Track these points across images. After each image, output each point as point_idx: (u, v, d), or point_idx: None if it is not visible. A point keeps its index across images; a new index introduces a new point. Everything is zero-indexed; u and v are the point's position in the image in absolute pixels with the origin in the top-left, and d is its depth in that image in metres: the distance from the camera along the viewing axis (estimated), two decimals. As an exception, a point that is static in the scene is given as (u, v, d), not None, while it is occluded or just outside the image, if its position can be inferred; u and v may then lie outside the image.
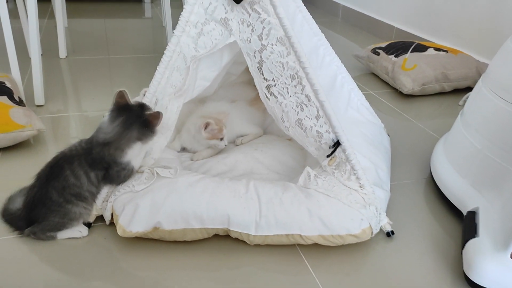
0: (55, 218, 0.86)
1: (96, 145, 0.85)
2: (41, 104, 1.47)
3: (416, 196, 1.10)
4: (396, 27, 2.43)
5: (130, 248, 0.88)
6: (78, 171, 0.85)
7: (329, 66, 1.08)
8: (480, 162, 0.96)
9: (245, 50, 0.94)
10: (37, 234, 0.87)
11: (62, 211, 0.85)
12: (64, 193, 0.84)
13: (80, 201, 0.86)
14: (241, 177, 1.05)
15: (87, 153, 0.86)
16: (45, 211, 0.85)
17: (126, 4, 3.12)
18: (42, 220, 0.86)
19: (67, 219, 0.87)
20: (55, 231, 0.88)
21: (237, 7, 0.91)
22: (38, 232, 0.87)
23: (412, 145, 1.35)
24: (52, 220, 0.86)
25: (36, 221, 0.86)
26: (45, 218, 0.86)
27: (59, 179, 0.84)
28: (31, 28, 1.41)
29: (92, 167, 0.85)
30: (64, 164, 0.85)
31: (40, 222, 0.86)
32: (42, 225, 0.86)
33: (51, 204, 0.85)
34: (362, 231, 0.86)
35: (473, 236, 0.85)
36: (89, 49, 2.09)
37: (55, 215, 0.86)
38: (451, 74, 1.72)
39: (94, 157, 0.85)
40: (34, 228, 0.87)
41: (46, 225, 0.86)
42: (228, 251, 0.89)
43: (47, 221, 0.86)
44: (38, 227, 0.87)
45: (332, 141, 0.93)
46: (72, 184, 0.84)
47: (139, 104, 0.89)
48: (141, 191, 0.88)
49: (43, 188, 0.85)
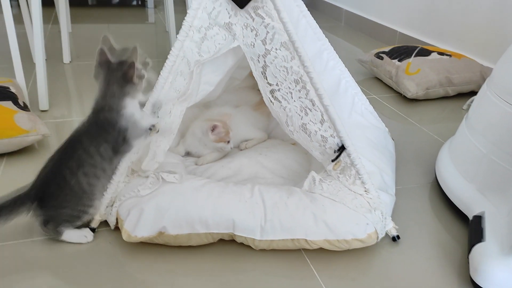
0: (68, 204, 0.84)
1: (95, 114, 0.85)
2: (45, 109, 1.47)
3: (421, 200, 1.10)
4: (399, 32, 2.43)
5: (135, 253, 0.88)
6: (89, 148, 0.84)
7: (333, 70, 1.08)
8: (486, 167, 0.96)
9: (249, 54, 0.94)
10: (49, 226, 0.87)
11: (74, 194, 0.84)
12: (78, 172, 0.83)
13: (93, 182, 0.85)
14: (246, 181, 1.05)
15: (91, 126, 0.85)
16: (58, 193, 0.84)
17: (130, 9, 3.13)
18: (53, 202, 0.84)
19: (80, 205, 0.85)
20: (66, 224, 0.87)
21: (241, 11, 0.91)
22: (51, 224, 0.86)
23: (416, 149, 1.35)
24: (65, 205, 0.84)
25: (46, 202, 0.84)
26: (57, 201, 0.84)
27: (73, 158, 0.83)
28: (35, 33, 1.42)
29: (99, 140, 0.84)
30: (75, 144, 0.84)
31: (51, 207, 0.84)
32: (56, 216, 0.85)
33: (64, 185, 0.83)
34: (367, 235, 0.86)
35: (480, 240, 0.84)
36: (92, 54, 2.07)
37: (68, 199, 0.84)
38: (455, 78, 1.72)
39: (99, 127, 0.84)
40: (48, 218, 0.86)
41: (60, 215, 0.85)
42: (233, 256, 0.89)
43: (59, 208, 0.84)
44: (51, 217, 0.86)
45: (337, 145, 0.93)
46: (86, 163, 0.84)
47: (119, 61, 0.88)
48: (146, 196, 0.88)
49: (57, 168, 0.83)
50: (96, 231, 0.93)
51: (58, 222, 0.87)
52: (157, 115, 0.92)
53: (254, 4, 0.90)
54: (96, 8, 3.09)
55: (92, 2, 3.25)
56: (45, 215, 0.86)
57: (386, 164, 1.03)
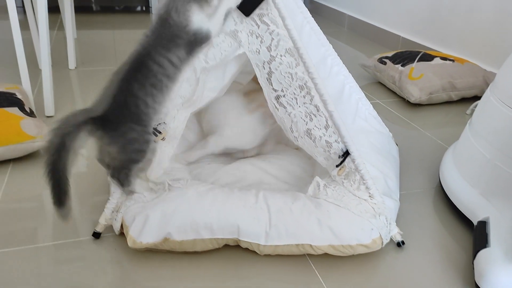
0: (132, 126, 0.81)
1: (161, 21, 0.82)
2: (51, 115, 1.48)
3: (425, 205, 1.10)
4: (402, 37, 2.44)
5: (140, 259, 0.89)
6: (159, 58, 0.81)
7: (337, 76, 1.08)
8: (490, 172, 0.96)
9: (254, 61, 0.95)
10: (121, 177, 0.86)
11: (139, 112, 0.81)
12: (145, 84, 0.80)
13: (158, 96, 0.82)
14: (250, 187, 1.05)
15: (158, 34, 0.82)
16: (123, 111, 0.80)
17: (135, 15, 3.15)
18: (116, 125, 0.80)
19: (143, 126, 0.82)
20: (133, 165, 0.85)
21: (246, 19, 0.92)
22: (121, 175, 0.86)
23: (420, 154, 1.35)
24: (130, 130, 0.81)
25: (110, 122, 0.80)
26: (125, 121, 0.80)
27: (141, 70, 0.80)
28: (41, 39, 1.43)
29: (169, 49, 0.82)
30: (143, 58, 0.81)
31: (117, 130, 0.80)
32: (120, 157, 0.82)
33: (131, 101, 0.80)
34: (372, 241, 0.86)
35: (484, 246, 0.84)
36: (98, 60, 2.11)
37: (132, 120, 0.81)
38: (458, 83, 1.72)
39: (167, 32, 0.81)
40: (114, 172, 0.85)
41: (125, 152, 0.82)
42: (238, 262, 0.89)
43: (127, 132, 0.81)
44: (118, 165, 0.84)
45: (341, 151, 0.93)
46: (157, 72, 0.81)
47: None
48: (151, 202, 0.88)
49: (124, 82, 0.80)
50: (100, 236, 0.93)
51: (125, 160, 0.83)
52: (163, 121, 0.93)
53: (259, 12, 0.91)
54: (100, 14, 3.12)
55: (97, 8, 3.28)
56: (112, 144, 0.82)
57: (390, 169, 1.03)
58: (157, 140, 0.91)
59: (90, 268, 0.86)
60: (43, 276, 0.83)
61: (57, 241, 0.92)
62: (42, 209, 1.02)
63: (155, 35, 0.83)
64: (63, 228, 0.96)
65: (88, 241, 0.93)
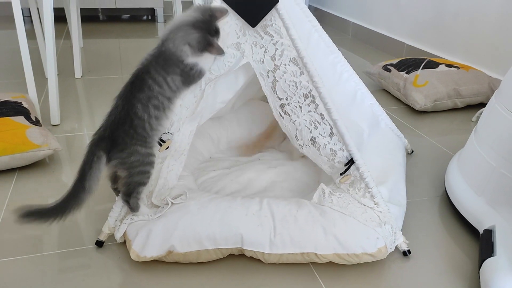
0: (137, 148, 0.83)
1: (162, 45, 0.85)
2: (57, 123, 1.49)
3: (431, 214, 1.09)
4: (406, 44, 2.44)
5: (144, 267, 0.88)
6: (158, 78, 0.84)
7: (347, 82, 1.09)
8: (496, 180, 0.95)
9: (258, 70, 0.95)
10: (131, 202, 0.87)
11: (144, 134, 0.84)
12: (149, 105, 0.83)
13: (159, 117, 0.85)
14: (255, 195, 1.05)
15: (157, 56, 0.85)
16: (129, 133, 0.82)
17: (140, 24, 3.18)
18: (123, 147, 0.82)
19: (149, 148, 0.85)
20: (141, 187, 0.87)
21: (250, 31, 0.92)
22: (132, 199, 0.87)
23: (425, 161, 1.35)
24: (135, 152, 0.83)
25: (117, 143, 0.82)
26: (131, 142, 0.83)
27: (143, 90, 0.83)
28: (48, 48, 1.44)
29: (166, 70, 0.84)
30: (144, 76, 0.84)
31: (123, 151, 0.83)
32: (129, 168, 0.84)
33: (136, 123, 0.83)
34: (378, 250, 0.86)
35: (490, 255, 0.84)
36: (104, 68, 2.13)
37: (137, 142, 0.83)
38: (463, 90, 1.72)
39: (166, 57, 0.84)
40: (125, 196, 0.87)
41: (131, 176, 0.84)
42: (243, 270, 0.89)
43: (132, 154, 0.83)
44: (126, 190, 0.86)
45: (346, 159, 0.93)
46: (158, 93, 0.84)
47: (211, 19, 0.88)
48: (157, 217, 0.89)
49: (128, 103, 0.83)
50: (105, 245, 0.93)
51: (133, 183, 0.86)
52: (168, 131, 0.93)
53: (263, 23, 0.92)
54: (107, 24, 3.14)
55: (103, 17, 3.31)
56: (117, 162, 0.84)
57: (397, 171, 1.04)
58: (161, 150, 0.91)
59: (94, 276, 0.86)
60: (48, 285, 0.84)
61: (62, 250, 0.92)
62: (47, 217, 1.02)
63: (156, 55, 0.86)
64: (68, 236, 0.96)
65: (92, 250, 0.93)
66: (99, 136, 0.83)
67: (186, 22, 0.86)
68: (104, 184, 1.15)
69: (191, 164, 1.16)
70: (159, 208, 0.91)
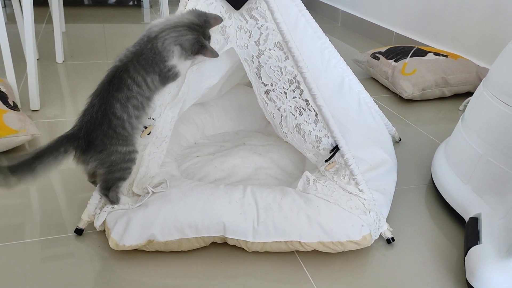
0: (117, 148, 0.81)
1: (148, 43, 0.83)
2: (36, 109, 1.45)
3: (417, 202, 1.09)
4: (395, 32, 2.42)
5: (125, 256, 0.86)
6: (137, 77, 0.81)
7: (335, 69, 1.06)
8: (482, 168, 0.95)
9: (243, 56, 0.93)
10: (110, 195, 0.85)
11: (125, 134, 0.81)
12: (128, 104, 0.80)
13: (139, 116, 0.83)
14: (239, 183, 1.03)
15: (139, 54, 0.82)
16: (108, 134, 0.79)
17: (125, 9, 3.11)
18: (101, 148, 0.80)
19: (130, 145, 0.83)
20: (120, 182, 0.85)
21: (235, 14, 0.90)
22: (110, 193, 0.85)
23: (412, 150, 1.34)
24: (116, 149, 0.81)
25: (94, 144, 0.79)
26: (109, 143, 0.80)
27: (122, 90, 0.80)
28: (26, 32, 1.40)
29: (146, 70, 0.82)
30: (122, 74, 0.80)
31: (101, 151, 0.80)
32: (107, 177, 0.83)
33: (116, 123, 0.79)
34: (363, 237, 0.85)
35: (476, 243, 0.83)
36: (87, 54, 2.08)
37: (117, 142, 0.80)
38: (451, 78, 1.71)
39: (148, 56, 0.82)
40: (104, 190, 0.85)
41: (112, 166, 0.82)
42: (226, 259, 0.87)
43: (110, 154, 0.81)
44: (105, 185, 0.84)
45: (331, 145, 0.91)
46: (137, 93, 0.81)
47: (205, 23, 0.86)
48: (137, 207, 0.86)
49: (106, 103, 0.79)
50: (83, 233, 0.91)
51: (112, 179, 0.83)
52: (151, 117, 0.90)
53: (248, 6, 0.89)
54: (92, 8, 3.08)
55: (88, 1, 3.24)
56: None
57: (383, 159, 1.03)
58: (143, 135, 0.89)
59: (75, 264, 0.84)
60: (29, 272, 0.81)
61: (43, 237, 0.90)
62: (28, 205, 1.00)
63: (138, 53, 0.82)
64: (49, 224, 0.94)
65: (74, 237, 0.90)
66: (73, 134, 0.79)
67: (181, 23, 0.84)
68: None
69: (174, 150, 1.13)
70: (140, 197, 0.89)
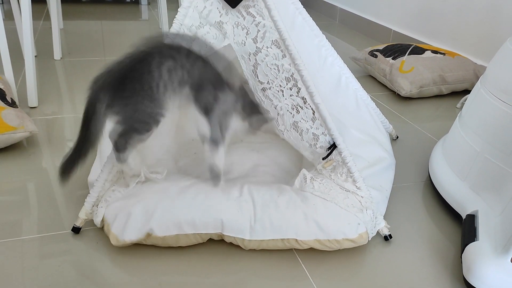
0: (145, 102, 0.80)
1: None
2: (34, 105, 1.45)
3: (414, 199, 1.09)
4: (393, 30, 2.42)
5: (123, 252, 0.87)
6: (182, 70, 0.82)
7: (332, 67, 1.07)
8: (480, 165, 0.95)
9: (240, 53, 0.93)
10: (118, 141, 0.83)
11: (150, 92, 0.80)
12: (162, 70, 0.80)
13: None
14: (236, 180, 1.03)
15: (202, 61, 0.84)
16: (131, 88, 0.79)
17: (123, 6, 3.11)
18: (128, 94, 0.79)
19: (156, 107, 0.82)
20: (135, 134, 0.83)
21: (232, 10, 0.90)
22: (119, 139, 0.83)
23: (410, 147, 1.34)
24: (140, 104, 0.80)
25: (119, 97, 0.79)
26: (135, 95, 0.79)
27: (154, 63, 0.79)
28: (24, 28, 1.40)
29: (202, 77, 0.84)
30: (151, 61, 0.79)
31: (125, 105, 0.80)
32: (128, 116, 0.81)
33: (139, 77, 0.79)
34: (359, 235, 0.85)
35: (473, 240, 0.83)
36: (85, 50, 2.07)
37: (142, 95, 0.80)
38: (448, 76, 1.71)
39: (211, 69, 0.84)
40: (115, 135, 0.83)
41: (133, 115, 0.81)
42: (223, 256, 0.87)
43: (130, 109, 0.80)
44: (119, 131, 0.82)
45: (328, 143, 0.92)
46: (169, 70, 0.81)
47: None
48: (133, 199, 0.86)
49: (139, 63, 0.79)
50: (81, 230, 0.91)
51: (129, 129, 0.82)
52: None
53: (245, 3, 0.89)
54: (89, 5, 3.07)
55: (85, -2, 3.23)
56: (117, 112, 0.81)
57: (380, 156, 1.03)
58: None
59: (73, 261, 0.84)
60: (27, 269, 0.81)
61: (41, 234, 0.90)
62: (25, 201, 1.00)
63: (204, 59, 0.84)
64: (47, 221, 0.94)
65: (72, 234, 0.90)
66: (103, 82, 0.80)
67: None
68: (87, 169, 1.12)
69: (171, 146, 1.13)
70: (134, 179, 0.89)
